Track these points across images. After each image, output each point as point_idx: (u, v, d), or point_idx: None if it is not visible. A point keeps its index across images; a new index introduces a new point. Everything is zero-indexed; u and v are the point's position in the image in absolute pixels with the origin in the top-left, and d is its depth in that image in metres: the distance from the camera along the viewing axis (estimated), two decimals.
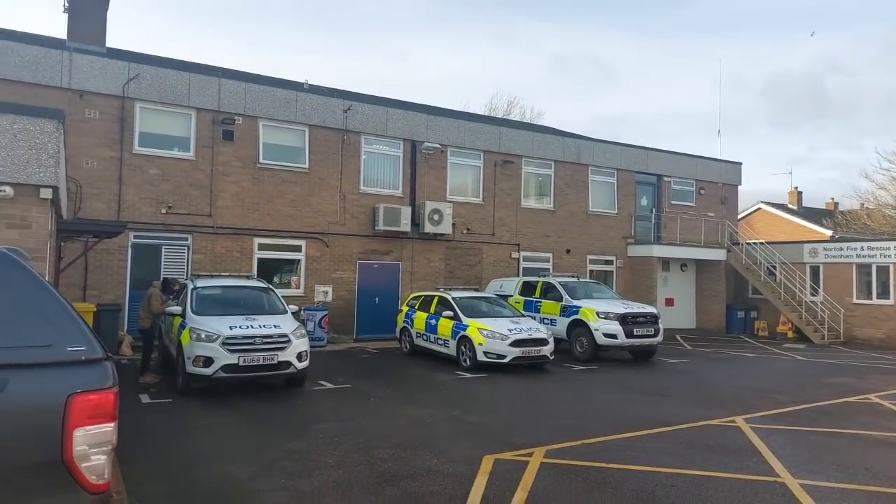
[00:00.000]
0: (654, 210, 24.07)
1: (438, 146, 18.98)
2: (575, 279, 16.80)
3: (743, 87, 79.47)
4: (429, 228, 18.19)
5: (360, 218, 17.67)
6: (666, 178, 24.43)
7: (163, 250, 15.14)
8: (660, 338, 14.86)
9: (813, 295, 22.53)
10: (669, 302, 24.11)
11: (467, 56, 66.73)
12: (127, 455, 6.43)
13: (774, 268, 23.29)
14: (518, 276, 19.21)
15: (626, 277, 23.15)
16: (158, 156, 15.14)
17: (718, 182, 25.73)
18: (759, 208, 36.76)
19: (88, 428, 2.89)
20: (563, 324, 15.17)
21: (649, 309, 15.28)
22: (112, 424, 2.98)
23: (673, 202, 24.50)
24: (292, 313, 10.91)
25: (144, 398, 9.42)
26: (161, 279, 12.18)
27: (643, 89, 74.88)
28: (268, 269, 16.28)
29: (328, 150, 17.28)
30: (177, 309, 10.53)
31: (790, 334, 21.59)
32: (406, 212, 17.81)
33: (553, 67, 71.38)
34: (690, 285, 25.06)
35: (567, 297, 15.41)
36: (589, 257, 22.59)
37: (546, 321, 15.39)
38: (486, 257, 20.20)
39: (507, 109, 42.13)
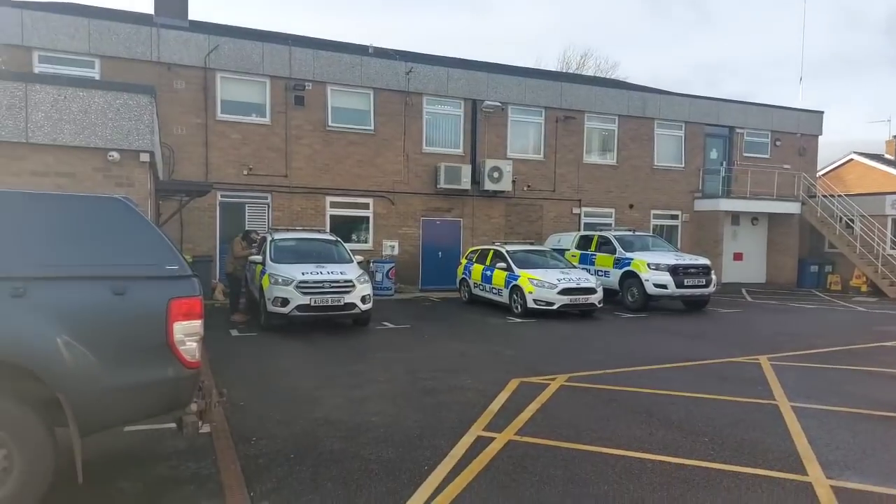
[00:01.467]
0: (724, 163, 23.66)
1: (499, 104, 19.55)
2: (630, 233, 17.19)
3: (861, 24, 72.84)
4: (489, 186, 18.97)
5: (423, 177, 18.69)
6: (738, 130, 23.88)
7: (246, 208, 16.81)
8: (712, 288, 15.17)
9: (893, 248, 21.71)
10: (738, 256, 23.89)
11: (548, 5, 64.85)
12: (219, 372, 7.89)
13: (853, 221, 22.51)
14: (579, 231, 19.72)
15: (691, 232, 23.11)
16: (239, 122, 16.66)
17: (797, 133, 24.81)
18: (850, 159, 34.78)
19: (183, 322, 4.07)
20: (615, 275, 15.75)
21: (701, 261, 15.56)
22: (199, 321, 4.16)
23: (745, 154, 23.95)
24: (357, 263, 12.17)
25: (234, 332, 11.00)
26: (243, 231, 13.73)
27: (743, 34, 69.95)
28: (339, 226, 17.69)
29: (392, 112, 18.29)
30: (258, 257, 12.02)
31: (863, 288, 21.05)
32: (466, 170, 18.65)
33: (640, 11, 68.21)
34: (761, 239, 24.62)
35: (620, 249, 15.91)
36: (653, 212, 22.68)
37: (600, 273, 16.04)
38: (546, 213, 20.80)
39: (580, 62, 41.59)
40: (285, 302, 10.67)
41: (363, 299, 11.09)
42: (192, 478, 4.50)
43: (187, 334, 4.09)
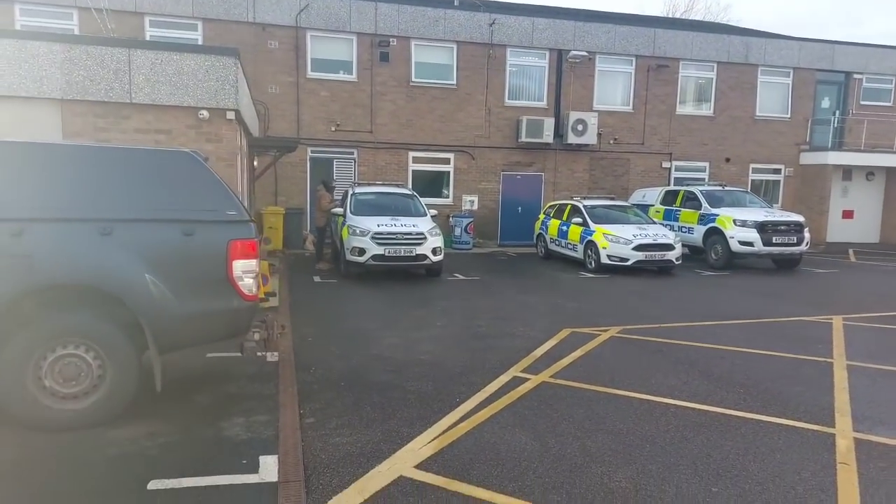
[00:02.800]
0: (836, 112, 21.84)
1: (586, 54, 19.05)
2: (720, 188, 16.48)
3: None
4: (572, 139, 18.73)
5: (505, 131, 18.73)
6: (856, 76, 21.87)
7: (334, 163, 17.69)
8: (804, 247, 14.37)
9: None
10: (847, 214, 22.21)
11: None
12: (297, 312, 8.70)
13: None
14: (671, 186, 19.06)
15: (794, 187, 21.72)
16: (327, 79, 17.40)
17: None
18: None
19: (241, 261, 4.68)
20: (699, 232, 15.27)
21: (794, 217, 14.71)
22: (255, 260, 4.76)
23: (863, 102, 21.96)
24: (431, 216, 12.65)
25: (316, 279, 11.91)
26: (321, 181, 14.52)
27: None
28: (420, 180, 18.24)
29: (475, 66, 18.34)
30: (340, 210, 12.80)
31: None
32: (549, 123, 18.48)
33: None
34: (877, 196, 22.68)
35: (706, 205, 15.35)
36: (752, 166, 21.50)
37: (683, 230, 15.62)
38: (633, 167, 20.27)
39: (689, 5, 39.12)
40: (362, 252, 11.38)
41: (434, 251, 11.59)
42: (254, 396, 5.20)
43: (245, 271, 4.70)
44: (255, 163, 15.37)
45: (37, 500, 3.43)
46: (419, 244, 11.50)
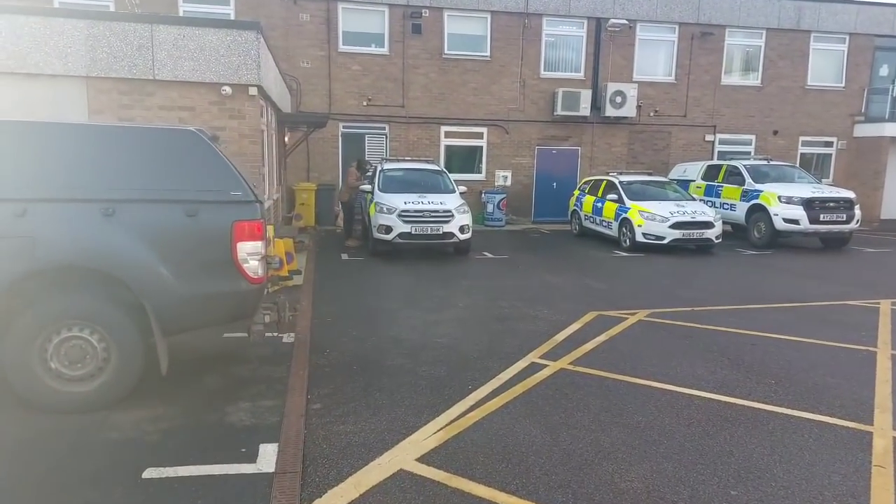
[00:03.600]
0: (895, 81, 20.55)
1: (626, 22, 18.29)
2: (765, 162, 15.70)
3: None
4: (610, 112, 18.10)
5: (540, 104, 18.21)
6: None
7: (366, 139, 17.53)
8: (853, 225, 13.59)
9: None
10: None
11: None
12: (320, 290, 8.65)
13: None
14: (713, 160, 18.30)
15: (847, 161, 20.62)
16: (359, 53, 17.15)
17: None
18: None
19: (246, 242, 4.56)
20: (742, 209, 14.61)
21: (844, 193, 13.90)
22: (260, 242, 4.63)
23: None
24: (460, 193, 12.40)
25: (344, 256, 11.85)
26: (356, 160, 14.41)
27: None
28: (453, 155, 17.96)
29: (509, 37, 17.81)
30: (368, 186, 12.66)
31: None
32: (586, 95, 17.88)
33: None
34: None
35: (750, 180, 14.65)
36: (801, 139, 20.48)
37: (725, 206, 14.99)
38: (675, 141, 19.53)
39: None
40: (388, 229, 11.25)
41: (462, 229, 11.37)
42: (265, 379, 5.13)
43: (250, 253, 4.58)
44: (287, 139, 15.35)
45: (30, 484, 3.42)
46: (446, 222, 11.29)
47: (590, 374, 5.38)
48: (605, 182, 14.79)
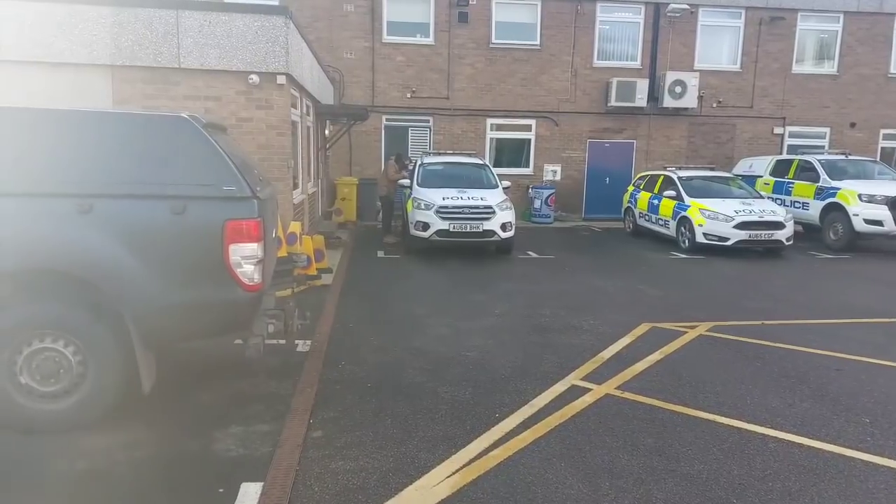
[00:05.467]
0: None
1: (687, 7, 17.05)
2: (842, 157, 14.29)
3: None
4: (668, 102, 16.94)
5: (592, 94, 17.20)
6: None
7: (409, 132, 16.93)
8: None
9: None
10: None
11: None
12: (349, 291, 8.10)
13: None
14: (782, 155, 16.89)
15: None
16: (403, 43, 16.55)
17: None
18: None
19: (239, 244, 3.98)
20: (815, 208, 13.30)
21: None
22: (256, 244, 4.04)
23: None
24: (503, 188, 11.65)
25: (380, 254, 11.29)
26: (396, 154, 13.81)
27: None
28: (499, 149, 17.18)
29: (560, 24, 16.87)
30: (407, 182, 12.05)
31: None
32: (642, 85, 16.77)
33: None
34: None
35: (825, 177, 13.31)
36: (883, 132, 18.79)
37: (796, 205, 13.71)
38: (739, 134, 18.17)
39: None
40: (425, 226, 10.60)
41: (503, 227, 10.62)
42: (266, 397, 4.56)
43: (244, 256, 4.00)
44: (327, 132, 14.91)
45: None
46: (487, 219, 10.55)
47: (640, 402, 4.58)
48: (662, 177, 13.74)
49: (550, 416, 4.30)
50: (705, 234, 11.73)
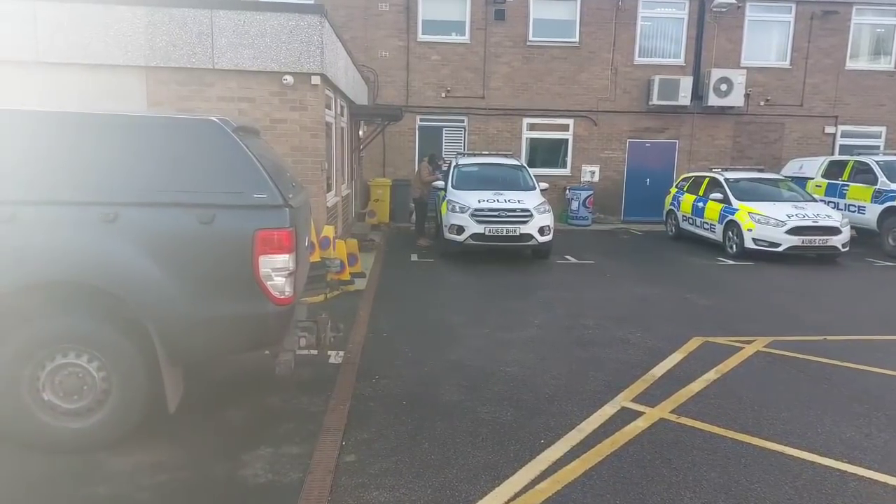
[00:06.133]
0: None
1: (734, 1, 16.37)
2: None
3: None
4: (713, 101, 16.30)
5: (633, 93, 16.66)
6: None
7: (443, 132, 16.66)
8: None
9: None
10: None
11: None
12: (382, 296, 7.87)
13: None
14: (835, 155, 16.11)
15: None
16: (438, 42, 16.28)
17: None
18: None
19: (269, 256, 3.75)
20: (873, 212, 12.58)
21: None
22: (287, 255, 3.80)
23: None
24: (541, 190, 11.28)
25: (413, 257, 11.04)
26: (429, 154, 13.54)
27: None
28: (535, 149, 16.80)
29: (600, 20, 16.38)
30: (441, 183, 11.78)
31: None
32: (685, 83, 16.17)
33: None
34: None
35: (884, 179, 12.57)
36: None
37: (852, 209, 13.00)
38: (788, 133, 17.41)
39: None
40: (460, 230, 10.30)
41: (541, 230, 10.25)
42: (298, 414, 4.33)
43: (275, 269, 3.76)
44: (361, 132, 14.74)
45: None
46: (524, 222, 10.19)
47: (699, 428, 4.21)
48: (707, 179, 13.18)
49: (601, 443, 3.97)
50: (755, 240, 11.17)
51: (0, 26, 7.55)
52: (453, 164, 12.04)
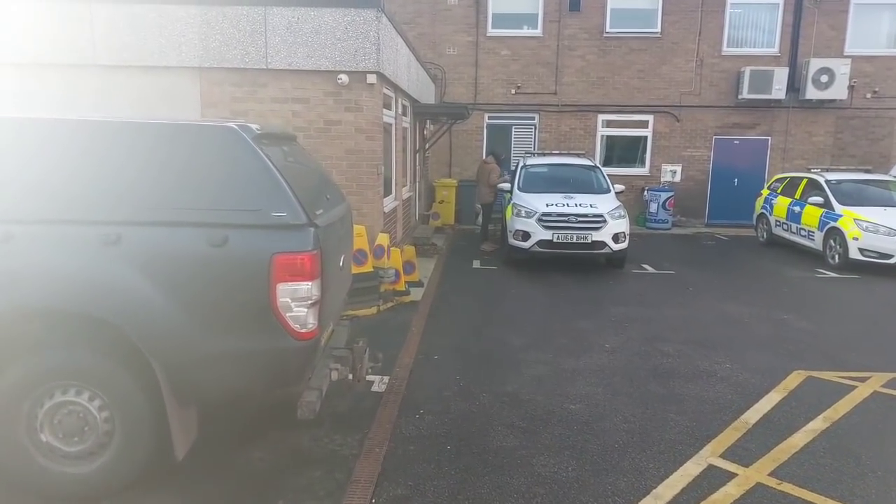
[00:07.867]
0: None
1: None
2: None
3: None
4: (812, 94, 14.75)
5: (720, 86, 15.32)
6: None
7: (513, 130, 15.93)
8: None
9: None
10: None
11: None
12: (437, 309, 7.33)
13: None
14: None
15: None
16: (509, 36, 15.56)
17: None
18: None
19: (289, 284, 3.24)
20: None
21: None
22: (309, 283, 3.28)
23: None
24: (616, 193, 10.41)
25: (475, 264, 10.42)
26: (489, 153, 12.84)
27: None
28: (611, 147, 15.80)
29: (684, 8, 15.14)
30: (507, 185, 11.11)
31: None
32: (780, 74, 14.71)
33: None
34: None
35: None
36: None
37: None
38: None
39: None
40: (526, 236, 9.60)
41: (615, 238, 9.39)
42: (326, 458, 3.83)
43: (295, 298, 3.25)
44: (427, 132, 14.26)
45: None
46: (597, 228, 9.37)
47: (807, 500, 3.38)
48: (805, 180, 11.85)
49: None
50: (861, 250, 9.87)
51: (57, 28, 7.51)
52: (521, 164, 11.33)
